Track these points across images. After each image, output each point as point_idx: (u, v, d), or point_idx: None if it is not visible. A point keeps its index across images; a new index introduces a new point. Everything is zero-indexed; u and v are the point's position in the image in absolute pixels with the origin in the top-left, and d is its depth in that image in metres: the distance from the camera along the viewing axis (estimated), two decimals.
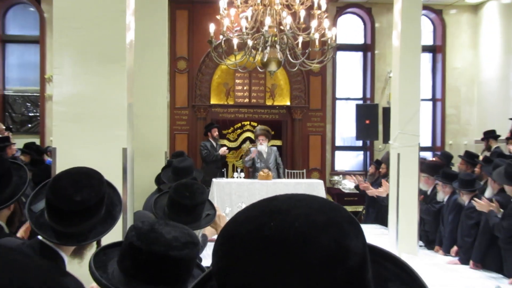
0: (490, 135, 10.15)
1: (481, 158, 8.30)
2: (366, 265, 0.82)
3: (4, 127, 11.14)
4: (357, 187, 9.74)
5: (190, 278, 1.95)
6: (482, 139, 10.39)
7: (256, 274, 0.78)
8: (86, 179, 2.39)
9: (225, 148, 11.19)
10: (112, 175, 2.79)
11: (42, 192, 2.46)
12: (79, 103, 3.79)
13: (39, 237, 2.44)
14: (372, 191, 8.70)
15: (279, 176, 10.50)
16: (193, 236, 1.94)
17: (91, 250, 2.50)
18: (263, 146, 10.50)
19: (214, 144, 11.04)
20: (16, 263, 0.61)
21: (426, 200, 7.29)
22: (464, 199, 6.34)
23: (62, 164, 3.41)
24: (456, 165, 8.70)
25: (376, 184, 9.18)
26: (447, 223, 6.73)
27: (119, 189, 2.78)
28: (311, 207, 0.84)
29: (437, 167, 7.60)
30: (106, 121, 3.76)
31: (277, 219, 0.81)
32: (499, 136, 9.98)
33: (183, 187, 3.62)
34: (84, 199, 2.31)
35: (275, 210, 0.83)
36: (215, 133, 11.19)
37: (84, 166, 2.49)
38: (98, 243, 2.59)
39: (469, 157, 8.25)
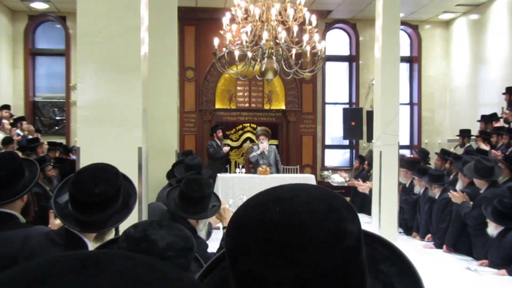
0: (466, 134, 10.21)
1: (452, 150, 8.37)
2: (361, 246, 0.81)
3: (34, 129, 11.24)
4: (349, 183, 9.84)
5: None
6: (458, 136, 10.45)
7: (263, 254, 0.76)
8: (104, 174, 2.40)
9: (227, 147, 11.30)
10: (129, 171, 2.79)
11: (66, 186, 2.46)
12: (100, 108, 3.79)
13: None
14: (360, 187, 8.75)
15: (278, 171, 10.52)
16: (187, 239, 1.74)
17: (110, 235, 2.52)
18: (265, 144, 10.52)
19: (219, 143, 11.10)
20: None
21: (405, 191, 7.32)
22: (436, 192, 6.37)
23: (85, 161, 3.41)
24: (433, 161, 8.74)
25: (360, 176, 9.26)
26: (423, 212, 6.73)
27: (135, 183, 2.78)
28: (312, 195, 0.82)
29: (414, 162, 7.64)
30: (123, 123, 3.76)
31: (281, 205, 0.80)
32: (472, 135, 10.07)
33: (192, 181, 3.64)
34: (102, 191, 2.32)
35: (280, 197, 0.82)
36: (220, 133, 11.25)
37: (102, 162, 2.50)
38: (116, 230, 2.63)
39: (444, 154, 8.30)
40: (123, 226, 2.50)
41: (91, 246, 2.44)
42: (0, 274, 0.51)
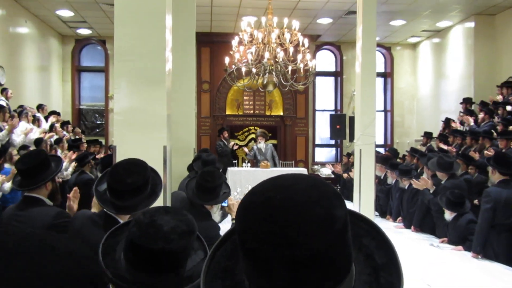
0: (428, 136, 10.22)
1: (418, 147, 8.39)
2: (348, 228, 0.80)
3: (80, 131, 11.35)
4: (333, 172, 9.85)
5: (189, 258, 1.64)
6: (422, 136, 10.46)
7: (266, 235, 0.75)
8: (135, 167, 2.40)
9: (233, 144, 11.27)
10: (156, 165, 2.78)
11: (105, 177, 2.46)
12: (132, 114, 3.78)
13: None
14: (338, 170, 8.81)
15: (275, 165, 10.53)
16: (190, 223, 1.62)
17: None
18: (261, 144, 10.58)
19: (226, 142, 11.09)
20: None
21: (380, 182, 7.32)
22: (405, 183, 6.37)
23: (120, 157, 3.40)
24: (406, 157, 8.77)
25: (348, 169, 9.25)
26: (395, 199, 6.73)
27: (161, 175, 2.78)
28: (307, 184, 0.81)
29: (387, 159, 7.65)
30: (151, 126, 3.75)
31: (282, 193, 0.79)
32: (433, 136, 10.06)
33: (206, 174, 3.63)
34: (133, 181, 2.33)
35: (281, 186, 0.81)
36: (226, 134, 11.21)
37: (133, 158, 2.50)
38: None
39: (413, 152, 8.30)
40: None
41: None
42: None
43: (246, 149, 10.70)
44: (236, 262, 0.88)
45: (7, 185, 5.92)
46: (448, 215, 4.99)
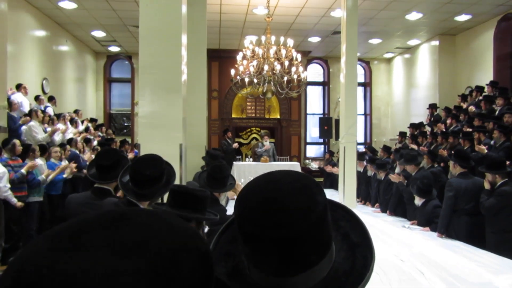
0: (402, 135, 10.17)
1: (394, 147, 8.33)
2: (327, 211, 0.80)
3: (111, 132, 11.39)
4: (320, 168, 9.86)
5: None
6: (398, 136, 10.40)
7: (259, 219, 0.76)
8: (152, 161, 2.40)
9: (236, 144, 11.27)
10: (173, 160, 2.80)
11: (128, 170, 2.47)
12: (154, 117, 3.79)
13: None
14: (329, 169, 8.75)
15: (274, 160, 10.52)
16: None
17: None
18: (267, 143, 10.57)
19: (230, 141, 11.07)
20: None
21: (360, 175, 7.29)
22: (381, 175, 6.36)
23: (144, 152, 3.36)
24: (379, 153, 8.73)
25: (330, 163, 9.25)
26: (373, 188, 6.74)
27: (177, 169, 2.79)
28: (293, 178, 0.82)
29: (362, 154, 7.65)
30: (169, 127, 3.76)
31: (271, 185, 0.80)
32: (407, 136, 9.99)
33: (216, 166, 3.64)
34: (151, 173, 2.34)
35: (271, 180, 0.82)
36: (229, 134, 11.17)
37: (152, 153, 2.49)
38: (162, 200, 2.61)
39: (385, 149, 8.28)
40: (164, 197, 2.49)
41: None
42: (49, 230, 0.47)
43: (262, 148, 10.54)
44: (237, 247, 0.88)
45: (49, 178, 5.93)
46: (418, 201, 4.97)
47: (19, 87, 7.88)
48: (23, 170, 5.46)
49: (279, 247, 0.75)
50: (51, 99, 9.29)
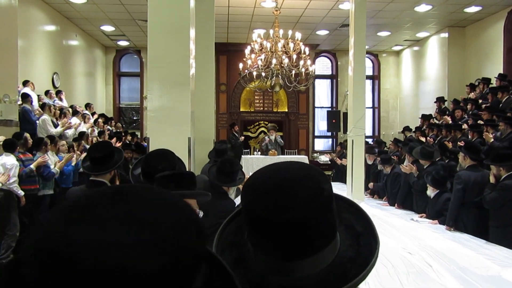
0: (407, 129, 10.11)
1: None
2: (332, 199, 0.83)
3: (121, 125, 11.48)
4: (331, 160, 9.83)
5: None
6: (402, 132, 10.36)
7: (268, 203, 0.78)
8: (164, 156, 2.41)
9: (242, 137, 11.31)
10: (182, 153, 2.82)
11: (139, 164, 2.48)
12: (162, 111, 3.79)
13: None
14: (339, 161, 8.75)
15: (280, 153, 10.54)
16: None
17: None
18: (273, 136, 10.57)
19: (237, 135, 11.11)
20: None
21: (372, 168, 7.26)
22: (387, 170, 6.33)
23: (153, 147, 3.39)
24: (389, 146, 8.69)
25: (342, 156, 9.21)
26: (381, 182, 6.72)
27: (186, 162, 2.80)
28: (298, 167, 0.85)
29: (371, 147, 7.63)
30: (178, 121, 3.76)
31: (279, 173, 0.83)
32: (411, 129, 9.92)
33: (226, 161, 3.65)
34: (163, 167, 2.33)
35: (277, 169, 0.85)
36: (236, 128, 11.24)
37: (164, 148, 2.51)
38: None
39: (396, 142, 8.24)
40: None
41: None
42: (61, 205, 0.52)
43: (265, 142, 10.64)
44: (241, 238, 0.90)
45: (57, 169, 6.00)
46: (431, 192, 4.93)
47: (26, 83, 7.92)
48: (33, 166, 5.52)
49: (287, 231, 0.77)
50: (58, 92, 9.35)
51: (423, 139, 8.33)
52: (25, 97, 7.23)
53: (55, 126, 7.40)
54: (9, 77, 6.57)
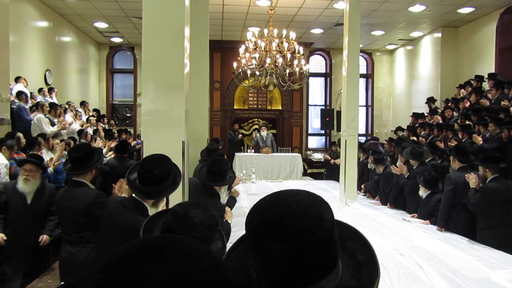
0: (399, 129, 10.16)
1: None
2: (334, 229, 0.84)
3: (114, 122, 11.42)
4: (326, 160, 9.88)
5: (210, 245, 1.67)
6: (395, 132, 10.41)
7: (270, 234, 0.79)
8: (161, 161, 2.44)
9: (240, 135, 11.36)
10: (176, 157, 2.80)
11: (135, 168, 2.48)
12: (156, 114, 3.73)
13: (133, 194, 2.49)
14: (333, 161, 8.76)
15: (274, 152, 10.55)
16: (215, 218, 1.65)
17: (163, 203, 2.53)
18: (264, 133, 10.59)
19: (236, 133, 11.15)
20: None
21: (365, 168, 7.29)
22: (380, 169, 6.36)
23: (147, 151, 3.33)
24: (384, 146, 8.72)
25: (336, 156, 9.24)
26: (373, 180, 6.75)
27: (179, 165, 2.79)
28: (301, 197, 0.85)
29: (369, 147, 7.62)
30: (172, 125, 3.69)
31: (281, 203, 0.84)
32: (403, 129, 9.97)
33: (215, 160, 3.69)
34: (159, 172, 2.37)
35: (280, 198, 0.86)
36: (236, 126, 11.37)
37: (160, 153, 2.52)
38: (167, 199, 2.63)
39: (391, 141, 8.27)
40: (171, 196, 2.50)
41: (149, 209, 2.45)
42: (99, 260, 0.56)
43: (254, 139, 10.71)
44: (246, 263, 0.92)
45: (50, 169, 5.95)
46: (422, 192, 4.96)
47: (18, 79, 7.83)
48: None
49: (288, 260, 0.79)
50: (50, 90, 9.23)
51: (415, 138, 8.38)
52: (20, 94, 7.15)
53: (52, 124, 7.33)
54: (1, 74, 6.49)
